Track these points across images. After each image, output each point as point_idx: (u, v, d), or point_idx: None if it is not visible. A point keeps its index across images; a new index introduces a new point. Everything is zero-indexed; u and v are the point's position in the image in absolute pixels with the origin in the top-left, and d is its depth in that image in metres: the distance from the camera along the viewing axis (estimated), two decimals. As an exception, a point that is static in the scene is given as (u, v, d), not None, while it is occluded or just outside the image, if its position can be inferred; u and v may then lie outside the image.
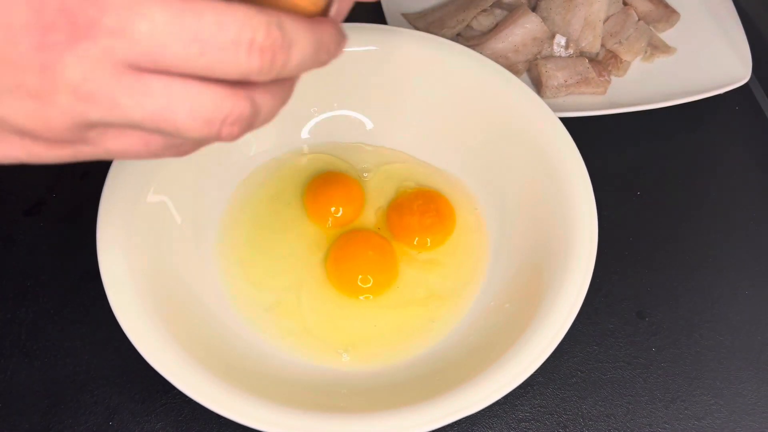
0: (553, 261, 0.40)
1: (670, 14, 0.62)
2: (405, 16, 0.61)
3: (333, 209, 0.47)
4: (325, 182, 0.48)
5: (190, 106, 0.22)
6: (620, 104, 0.55)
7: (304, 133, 0.51)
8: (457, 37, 0.60)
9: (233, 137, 0.23)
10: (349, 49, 0.48)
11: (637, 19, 0.61)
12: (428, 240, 0.47)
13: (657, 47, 0.60)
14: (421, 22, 0.61)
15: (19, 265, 0.46)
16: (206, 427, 0.41)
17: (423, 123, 0.50)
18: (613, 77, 0.59)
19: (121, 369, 0.42)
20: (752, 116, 0.60)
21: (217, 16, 0.21)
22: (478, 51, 0.49)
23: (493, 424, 0.42)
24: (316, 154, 0.51)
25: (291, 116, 0.50)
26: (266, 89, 0.23)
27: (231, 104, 0.22)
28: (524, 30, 0.58)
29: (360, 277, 0.44)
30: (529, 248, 0.43)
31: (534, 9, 0.60)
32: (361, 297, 0.44)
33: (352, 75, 0.49)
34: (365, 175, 0.50)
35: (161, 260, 0.41)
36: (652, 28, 0.62)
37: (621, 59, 0.59)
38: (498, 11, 0.61)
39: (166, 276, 0.40)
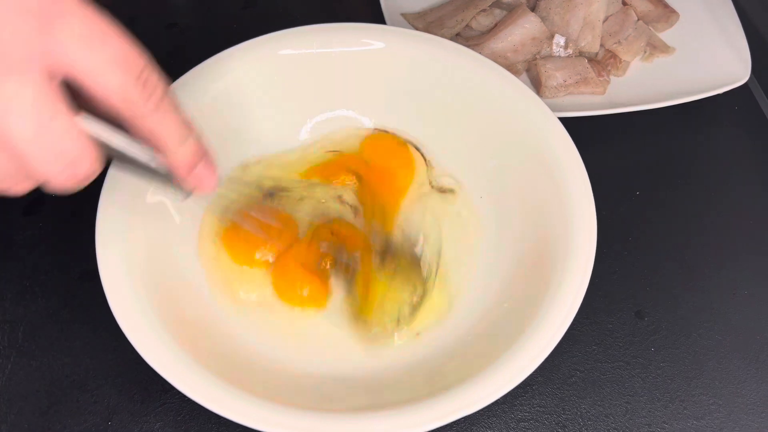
0: (552, 261, 0.40)
1: (669, 14, 0.62)
2: (404, 16, 0.61)
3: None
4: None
5: None
6: (619, 104, 0.55)
7: (303, 134, 0.51)
8: (457, 37, 0.60)
9: None
10: (349, 48, 0.49)
11: (636, 18, 0.61)
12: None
13: (656, 47, 0.60)
14: (420, 22, 0.61)
15: (18, 265, 0.46)
16: (205, 427, 0.41)
17: (422, 123, 0.50)
18: (612, 77, 0.59)
19: (120, 369, 0.42)
20: (752, 116, 0.60)
21: None
22: (477, 51, 0.49)
23: (492, 423, 0.42)
24: (316, 154, 0.51)
25: (290, 117, 0.50)
26: None
27: None
28: (523, 30, 0.58)
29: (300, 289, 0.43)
30: (528, 248, 0.43)
31: (533, 9, 0.60)
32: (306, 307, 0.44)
33: (352, 75, 0.49)
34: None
35: (160, 260, 0.41)
36: (652, 28, 0.62)
37: (620, 59, 0.59)
38: (497, 11, 0.61)
39: (165, 276, 0.40)
